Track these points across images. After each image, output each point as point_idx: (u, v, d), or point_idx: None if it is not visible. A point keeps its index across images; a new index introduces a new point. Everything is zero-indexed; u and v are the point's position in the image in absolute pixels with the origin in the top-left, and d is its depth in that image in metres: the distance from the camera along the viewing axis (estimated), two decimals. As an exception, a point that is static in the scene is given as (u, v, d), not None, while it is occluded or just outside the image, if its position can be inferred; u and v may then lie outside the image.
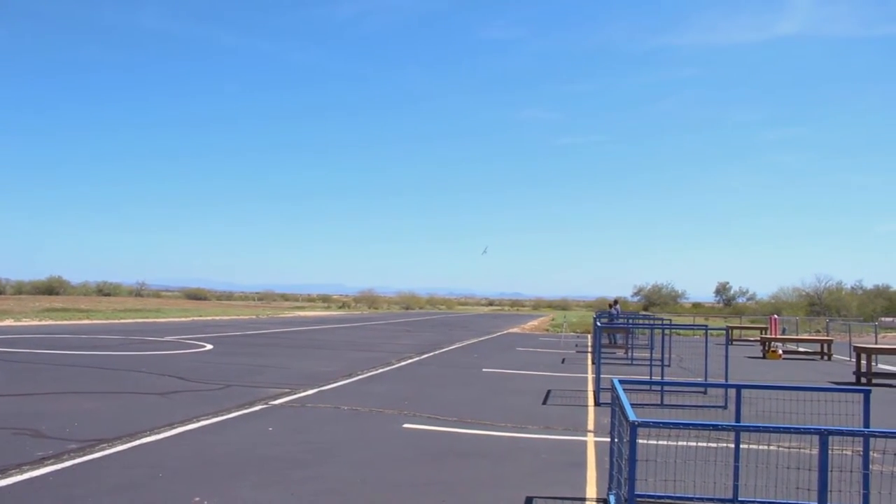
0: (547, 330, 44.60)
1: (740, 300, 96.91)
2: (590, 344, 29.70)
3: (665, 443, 6.99)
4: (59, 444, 7.92)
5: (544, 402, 12.83)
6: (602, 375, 14.08)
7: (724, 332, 25.43)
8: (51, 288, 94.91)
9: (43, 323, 33.34)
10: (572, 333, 38.97)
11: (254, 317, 50.72)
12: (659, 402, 12.92)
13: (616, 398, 5.52)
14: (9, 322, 32.49)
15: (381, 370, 17.53)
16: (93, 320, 37.36)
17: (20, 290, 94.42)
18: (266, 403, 11.50)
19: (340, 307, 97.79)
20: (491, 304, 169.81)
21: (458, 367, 19.05)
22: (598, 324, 18.20)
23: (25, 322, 33.14)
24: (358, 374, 16.29)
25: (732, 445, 6.61)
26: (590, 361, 21.72)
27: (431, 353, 23.35)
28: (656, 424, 4.43)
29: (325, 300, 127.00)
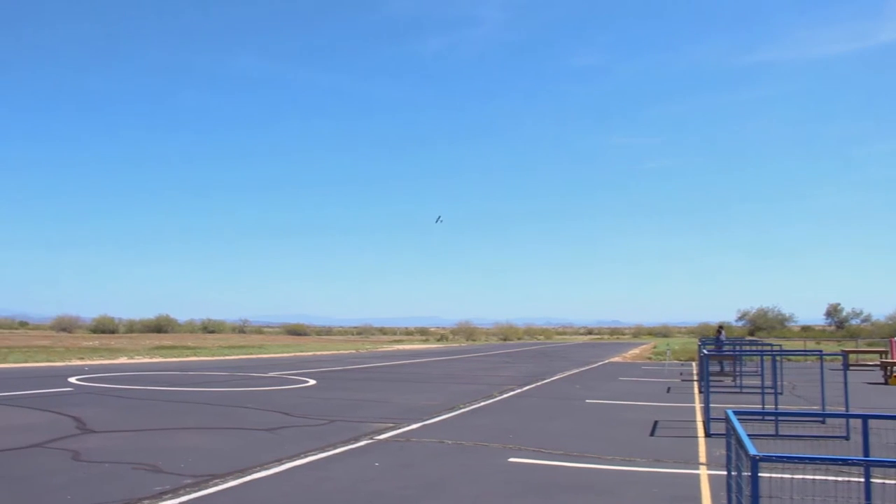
0: (649, 358, 43.56)
1: (854, 322, 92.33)
2: (695, 372, 28.84)
3: (780, 476, 6.66)
4: (175, 479, 8.14)
5: (652, 434, 12.49)
6: (711, 405, 13.61)
7: (840, 356, 24.24)
8: (159, 326, 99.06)
9: (154, 360, 34.65)
10: (676, 361, 37.94)
11: (354, 351, 51.43)
12: (774, 433, 12.35)
13: (732, 430, 5.29)
14: (123, 360, 33.89)
15: (483, 403, 17.44)
16: (200, 357, 38.59)
17: (131, 328, 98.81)
18: (371, 438, 11.57)
19: (438, 340, 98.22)
20: (590, 332, 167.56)
21: (561, 399, 18.79)
22: (705, 351, 17.65)
23: (138, 359, 34.51)
24: (460, 408, 16.25)
25: (857, 479, 6.24)
26: (696, 390, 21.08)
27: (533, 385, 23.13)
28: (780, 459, 4.21)
29: (423, 333, 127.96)
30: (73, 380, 21.67)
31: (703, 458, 10.14)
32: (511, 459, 9.83)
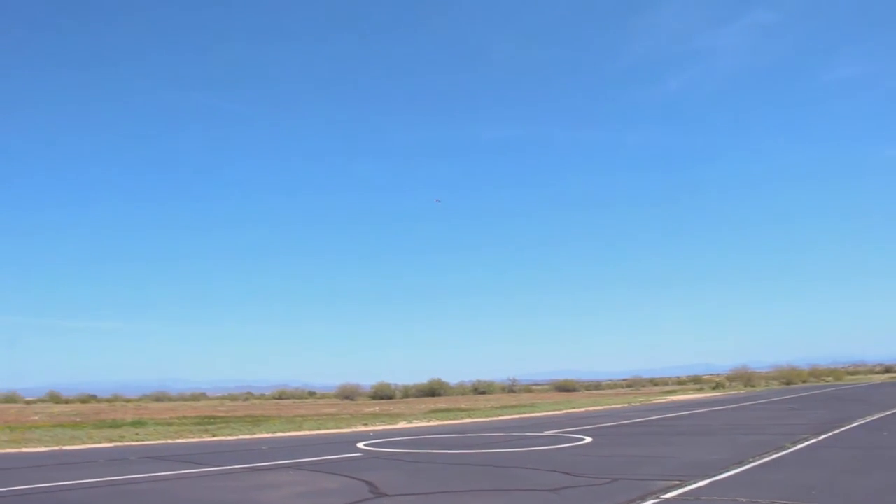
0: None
1: None
2: None
3: None
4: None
5: None
6: None
7: None
8: (433, 390, 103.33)
9: (431, 424, 35.88)
10: None
11: (626, 405, 50.12)
12: None
13: None
14: (403, 424, 35.44)
15: (774, 455, 16.07)
16: (474, 419, 39.40)
17: (407, 393, 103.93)
18: (657, 497, 10.98)
19: (714, 388, 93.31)
20: (888, 370, 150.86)
21: (865, 449, 16.88)
22: None
23: (416, 424, 35.93)
24: (749, 461, 15.07)
25: None
26: None
27: (828, 434, 21.02)
28: None
29: (696, 381, 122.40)
30: (360, 445, 22.92)
31: None
32: (820, 520, 8.84)
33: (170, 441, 26.26)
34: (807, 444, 18.39)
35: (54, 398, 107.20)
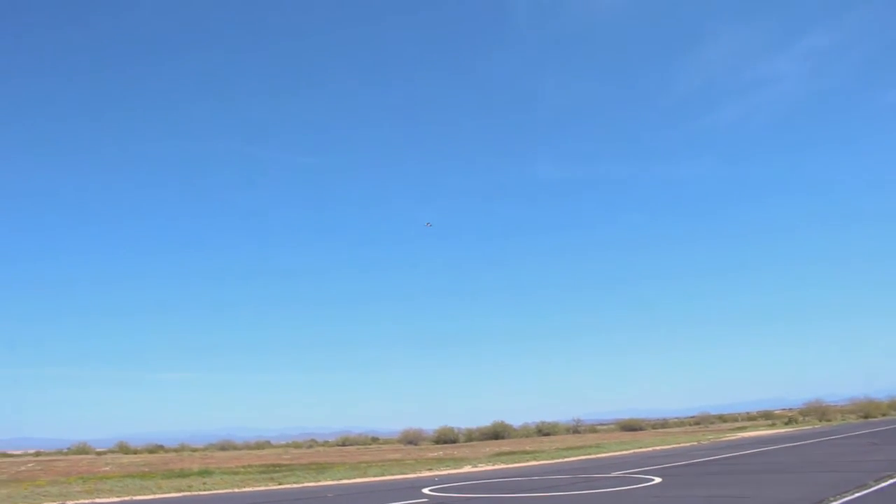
0: None
1: None
2: None
3: None
4: None
5: None
6: None
7: None
8: (496, 433, 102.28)
9: (496, 467, 35.43)
10: None
11: (695, 443, 48.84)
12: None
13: None
14: (468, 468, 35.06)
15: (856, 494, 15.39)
16: (539, 461, 38.79)
17: (470, 437, 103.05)
18: (735, 541, 10.57)
19: (786, 423, 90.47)
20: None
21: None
22: None
23: (481, 467, 35.50)
24: (830, 501, 14.46)
25: None
26: None
27: (914, 469, 20.08)
28: None
29: (767, 416, 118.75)
30: (426, 491, 22.69)
31: None
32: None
33: (236, 490, 26.42)
34: (891, 482, 17.58)
35: (123, 448, 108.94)
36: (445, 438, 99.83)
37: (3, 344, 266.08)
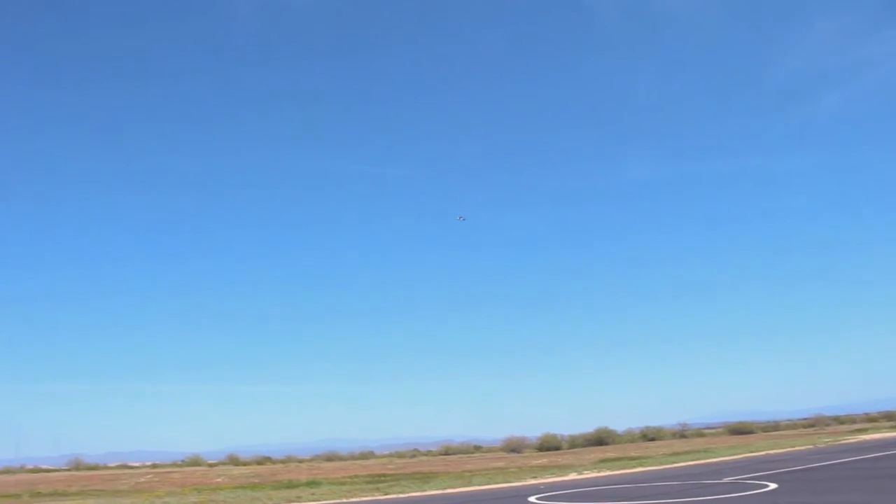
0: None
1: None
2: None
3: None
4: None
5: None
6: None
7: None
8: (600, 439, 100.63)
9: (602, 474, 34.82)
10: None
11: (811, 447, 46.85)
12: None
13: None
14: (573, 476, 34.60)
15: None
16: (646, 467, 37.94)
17: (573, 443, 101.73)
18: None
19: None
20: None
21: None
22: None
23: (587, 475, 34.98)
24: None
25: None
26: None
27: None
28: None
29: (890, 417, 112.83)
30: (532, 499, 22.48)
31: None
32: None
33: (344, 500, 26.83)
34: None
35: (233, 460, 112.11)
36: (549, 445, 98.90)
37: (125, 363, 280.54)
